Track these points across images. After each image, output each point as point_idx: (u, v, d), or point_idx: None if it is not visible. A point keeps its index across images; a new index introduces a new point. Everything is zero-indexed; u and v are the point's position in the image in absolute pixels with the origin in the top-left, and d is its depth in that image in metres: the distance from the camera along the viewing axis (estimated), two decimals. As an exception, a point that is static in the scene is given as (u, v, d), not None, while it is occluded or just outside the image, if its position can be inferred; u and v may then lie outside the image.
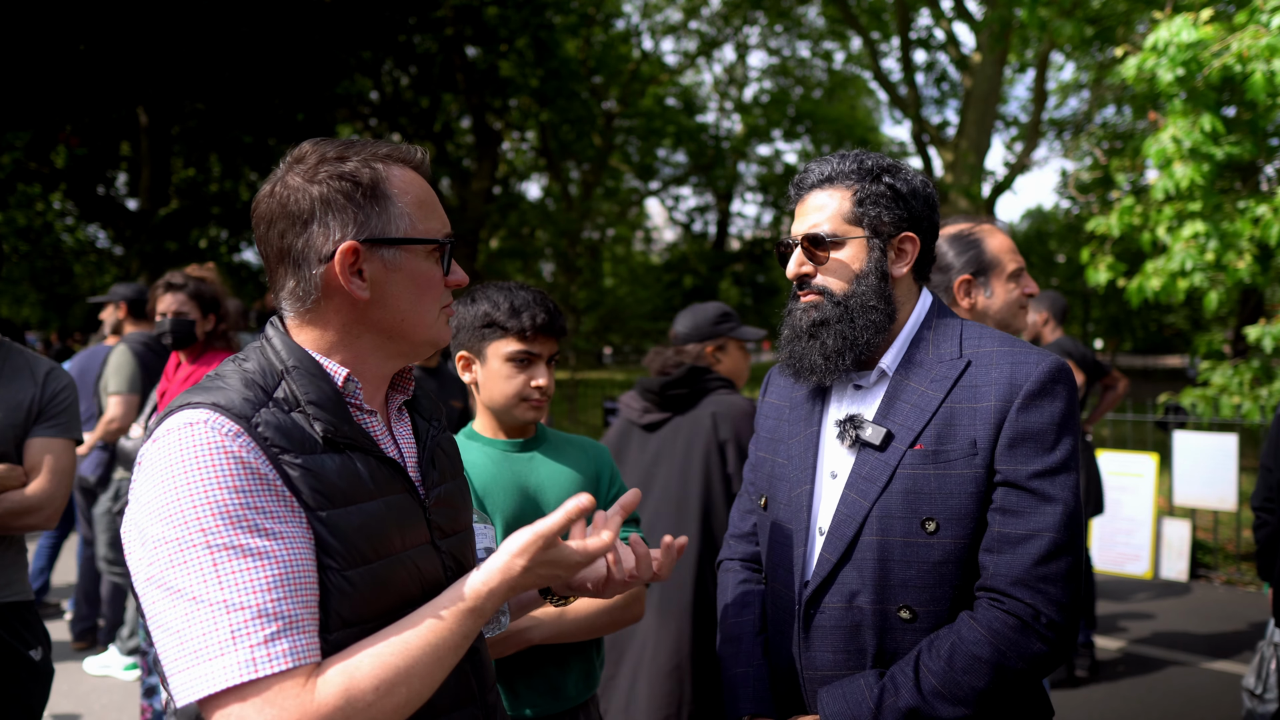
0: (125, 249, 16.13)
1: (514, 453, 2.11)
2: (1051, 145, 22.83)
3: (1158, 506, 7.38)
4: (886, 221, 1.68)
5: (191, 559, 1.08)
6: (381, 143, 1.33)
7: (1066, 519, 1.52)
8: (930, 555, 1.57)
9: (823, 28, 26.15)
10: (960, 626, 1.53)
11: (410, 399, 1.46)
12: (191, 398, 1.19)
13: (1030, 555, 1.50)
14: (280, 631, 1.08)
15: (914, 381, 1.66)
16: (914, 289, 1.75)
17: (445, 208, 1.40)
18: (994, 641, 1.48)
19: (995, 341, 1.66)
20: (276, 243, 1.28)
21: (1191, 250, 6.11)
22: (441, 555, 1.35)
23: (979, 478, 1.56)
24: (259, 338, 1.35)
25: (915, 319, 1.73)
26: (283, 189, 1.27)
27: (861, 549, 1.61)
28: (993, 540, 1.54)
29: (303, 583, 1.12)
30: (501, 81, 17.60)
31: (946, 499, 1.56)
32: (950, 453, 1.57)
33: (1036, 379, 1.56)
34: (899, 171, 1.72)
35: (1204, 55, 5.79)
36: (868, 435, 1.64)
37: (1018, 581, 1.50)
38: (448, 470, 1.45)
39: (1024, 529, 1.52)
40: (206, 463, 1.11)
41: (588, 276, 26.85)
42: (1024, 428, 1.55)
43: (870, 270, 1.68)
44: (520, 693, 1.99)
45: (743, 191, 32.92)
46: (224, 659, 1.05)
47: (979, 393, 1.59)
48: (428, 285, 1.32)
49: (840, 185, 1.71)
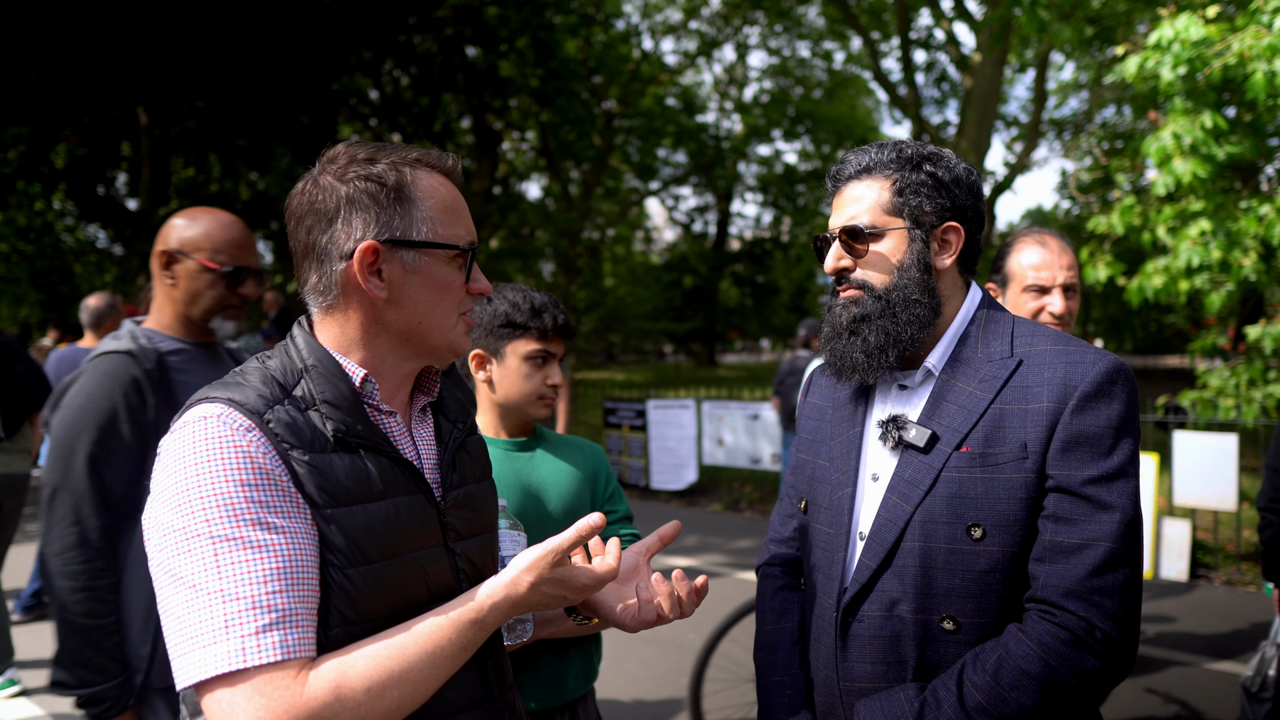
0: (125, 249, 16.13)
1: (516, 451, 2.16)
2: (1051, 145, 22.85)
3: (1158, 506, 7.37)
4: (928, 211, 1.61)
5: (195, 548, 1.12)
6: (414, 148, 1.36)
7: (1124, 528, 1.43)
8: (976, 563, 1.49)
9: (823, 28, 26.16)
10: (1008, 639, 1.45)
11: (435, 400, 1.47)
12: (210, 392, 1.23)
13: (1085, 566, 1.42)
14: (273, 624, 1.10)
15: (961, 381, 1.58)
16: (960, 282, 1.67)
17: None
18: (1044, 656, 1.40)
19: (1049, 340, 1.57)
20: (304, 238, 1.32)
21: (1198, 247, 6.09)
22: (454, 558, 1.35)
23: (1029, 483, 1.47)
24: (258, 338, 1.35)
25: (964, 315, 1.65)
26: (313, 187, 1.31)
27: (903, 555, 1.53)
28: (1044, 549, 1.46)
29: (302, 578, 1.15)
30: (501, 81, 17.59)
31: (994, 504, 1.48)
32: (999, 456, 1.49)
33: (1093, 379, 1.48)
34: (941, 159, 1.64)
35: (1207, 54, 5.79)
36: (911, 437, 1.57)
37: (1071, 593, 1.41)
38: (471, 473, 1.46)
39: (1078, 538, 1.43)
40: (216, 456, 1.15)
41: (588, 276, 26.85)
42: (1079, 431, 1.46)
43: (912, 262, 1.60)
44: (523, 686, 2.03)
45: (743, 191, 32.93)
46: (216, 646, 1.08)
47: (1030, 393, 1.51)
48: (446, 290, 1.33)
49: (879, 175, 1.64)
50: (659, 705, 4.75)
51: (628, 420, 10.98)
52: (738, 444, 10.14)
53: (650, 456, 10.64)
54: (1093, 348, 1.55)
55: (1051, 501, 1.47)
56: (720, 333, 36.25)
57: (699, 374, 28.37)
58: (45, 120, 14.29)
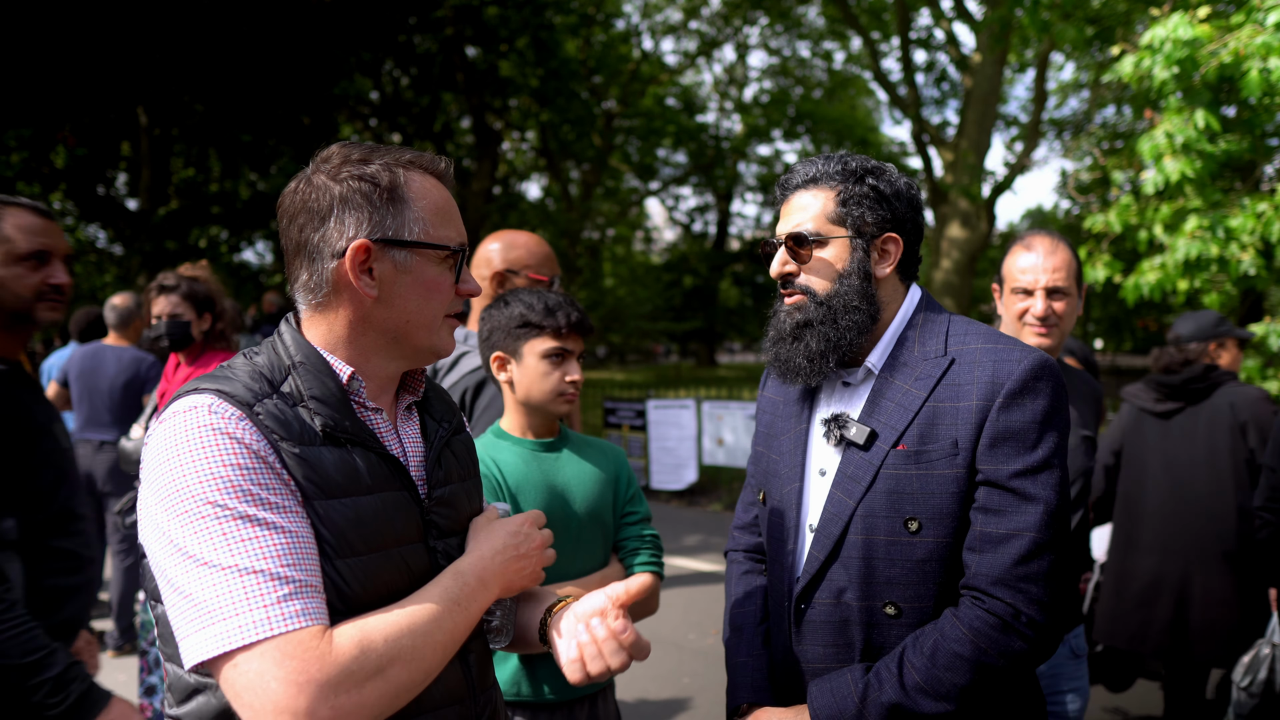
0: (125, 249, 16.13)
1: (542, 452, 2.22)
2: (1051, 145, 22.85)
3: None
4: (870, 222, 1.70)
5: (202, 528, 1.13)
6: (406, 149, 1.37)
7: (1048, 518, 1.53)
8: (913, 554, 1.59)
9: (823, 28, 26.16)
10: (944, 624, 1.55)
11: (421, 400, 1.49)
12: (199, 384, 1.24)
13: (1011, 555, 1.52)
14: (294, 593, 1.13)
15: (898, 380, 1.67)
16: (900, 288, 1.77)
17: None
18: (975, 640, 1.51)
19: (980, 339, 1.66)
20: (296, 236, 1.33)
21: (1195, 242, 6.09)
22: (434, 554, 1.37)
23: (960, 478, 1.57)
24: (257, 337, 1.37)
25: (901, 317, 1.74)
26: (307, 186, 1.33)
27: (848, 547, 1.64)
28: (975, 539, 1.56)
29: (308, 553, 1.17)
30: (501, 81, 17.60)
31: (928, 499, 1.58)
32: (932, 453, 1.59)
33: (1018, 377, 1.57)
34: (883, 173, 1.73)
35: (1201, 54, 5.79)
36: (852, 434, 1.66)
37: (998, 581, 1.52)
38: (456, 471, 1.47)
39: (1005, 528, 1.53)
40: (210, 441, 1.16)
41: (588, 276, 26.86)
42: (1005, 427, 1.55)
43: (853, 270, 1.69)
44: (540, 676, 2.10)
45: (743, 191, 32.94)
46: (239, 618, 1.09)
47: (961, 391, 1.60)
48: (435, 290, 1.35)
49: (824, 186, 1.73)
50: (660, 705, 4.76)
51: (628, 420, 10.98)
52: (738, 444, 10.14)
53: (650, 456, 10.64)
54: (1021, 345, 1.63)
55: (981, 494, 1.57)
56: (721, 332, 36.28)
57: (699, 374, 28.37)
58: (45, 121, 14.30)
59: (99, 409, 5.32)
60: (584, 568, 2.18)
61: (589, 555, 2.19)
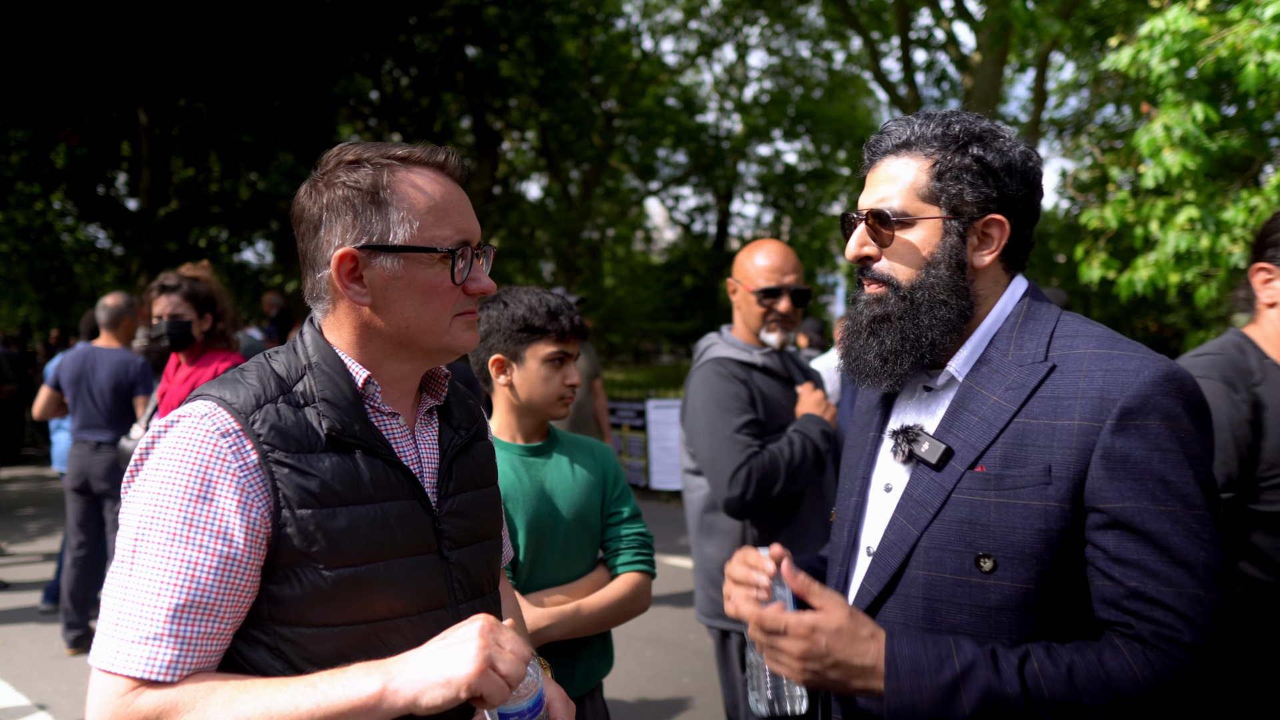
0: (125, 249, 16.13)
1: (531, 457, 2.18)
2: (1051, 145, 22.81)
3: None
4: (969, 201, 1.41)
5: (126, 545, 1.17)
6: (404, 145, 1.32)
7: (1207, 572, 1.23)
8: (985, 599, 1.31)
9: (823, 28, 26.14)
10: (1103, 649, 1.26)
11: (443, 404, 1.44)
12: (206, 389, 1.25)
13: (1167, 612, 1.23)
14: (152, 637, 1.13)
15: (985, 388, 1.39)
16: (1002, 279, 1.47)
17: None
18: (1141, 678, 1.22)
19: (1092, 342, 1.35)
20: (300, 245, 1.33)
21: (1185, 234, 6.08)
22: (449, 566, 1.33)
23: (1050, 512, 1.28)
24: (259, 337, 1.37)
25: (998, 313, 1.45)
26: (304, 194, 1.32)
27: (906, 583, 1.38)
28: (1118, 595, 1.26)
29: (207, 602, 1.15)
30: (501, 81, 17.58)
31: (1008, 534, 1.30)
32: (1017, 479, 1.30)
33: (1135, 392, 1.26)
34: (993, 140, 1.43)
35: (1198, 48, 5.79)
36: (923, 451, 1.40)
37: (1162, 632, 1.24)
38: (469, 480, 1.42)
39: (1152, 586, 1.23)
40: (176, 460, 1.18)
41: (588, 276, 26.86)
42: (1123, 454, 1.25)
43: (943, 258, 1.41)
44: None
45: (743, 191, 32.89)
46: (104, 640, 1.15)
47: (1061, 406, 1.31)
48: (433, 293, 1.29)
49: (919, 152, 1.44)
50: (660, 705, 4.76)
51: (628, 420, 10.98)
52: (737, 443, 10.14)
53: (650, 456, 10.63)
54: (1143, 352, 1.32)
55: (1111, 539, 1.27)
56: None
57: (699, 374, 28.29)
58: (46, 121, 14.30)
59: (92, 411, 5.40)
60: (572, 573, 2.16)
61: (577, 560, 2.17)
